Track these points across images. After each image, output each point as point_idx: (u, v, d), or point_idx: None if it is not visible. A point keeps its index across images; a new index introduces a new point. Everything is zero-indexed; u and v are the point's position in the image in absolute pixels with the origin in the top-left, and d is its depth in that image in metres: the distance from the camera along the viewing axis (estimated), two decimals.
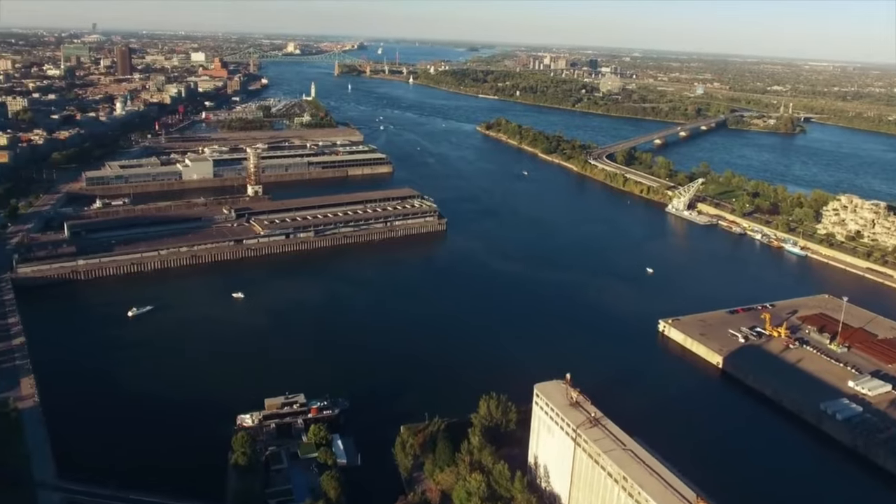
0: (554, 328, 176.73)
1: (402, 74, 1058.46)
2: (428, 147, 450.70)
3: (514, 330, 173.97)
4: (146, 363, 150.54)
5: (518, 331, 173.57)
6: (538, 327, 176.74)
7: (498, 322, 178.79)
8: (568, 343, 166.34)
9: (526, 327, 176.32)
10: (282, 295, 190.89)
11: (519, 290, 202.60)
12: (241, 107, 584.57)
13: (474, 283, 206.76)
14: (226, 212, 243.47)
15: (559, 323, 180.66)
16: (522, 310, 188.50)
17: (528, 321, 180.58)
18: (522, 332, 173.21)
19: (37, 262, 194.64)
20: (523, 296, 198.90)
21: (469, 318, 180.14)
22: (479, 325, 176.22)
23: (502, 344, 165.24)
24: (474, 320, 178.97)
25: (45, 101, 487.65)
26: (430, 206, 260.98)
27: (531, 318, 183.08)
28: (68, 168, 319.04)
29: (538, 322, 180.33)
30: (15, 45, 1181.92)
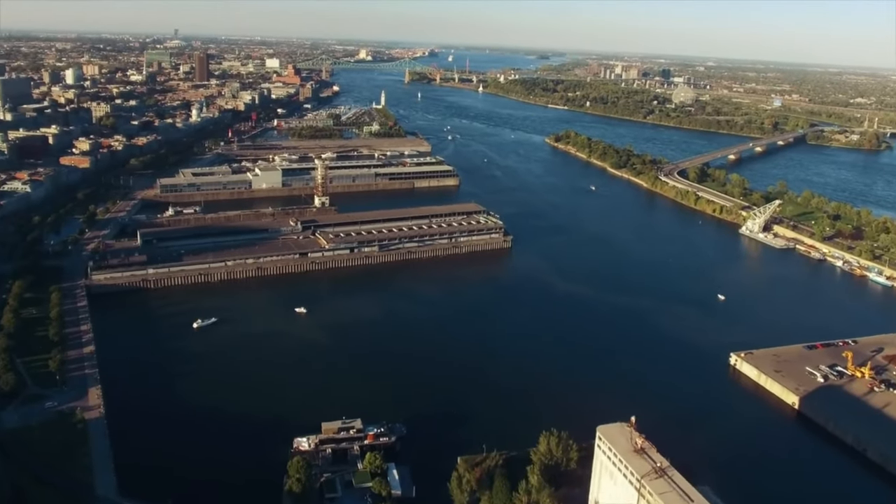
0: (619, 356, 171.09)
1: (472, 83, 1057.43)
2: (495, 159, 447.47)
3: (577, 357, 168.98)
4: (208, 377, 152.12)
5: (581, 358, 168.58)
6: (602, 355, 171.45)
7: (561, 348, 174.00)
8: (633, 373, 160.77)
9: (590, 354, 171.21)
10: (344, 311, 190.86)
11: (583, 315, 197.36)
12: (312, 114, 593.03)
13: (538, 306, 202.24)
14: (292, 224, 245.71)
15: (624, 351, 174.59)
16: (586, 336, 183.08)
17: (592, 348, 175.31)
18: (586, 359, 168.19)
19: (110, 270, 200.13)
20: (588, 321, 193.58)
21: (531, 344, 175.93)
22: (540, 350, 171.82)
23: (564, 372, 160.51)
24: (536, 346, 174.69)
25: (126, 107, 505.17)
26: (495, 223, 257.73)
27: (595, 344, 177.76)
28: (144, 174, 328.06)
29: (602, 349, 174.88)
30: (103, 51, 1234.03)
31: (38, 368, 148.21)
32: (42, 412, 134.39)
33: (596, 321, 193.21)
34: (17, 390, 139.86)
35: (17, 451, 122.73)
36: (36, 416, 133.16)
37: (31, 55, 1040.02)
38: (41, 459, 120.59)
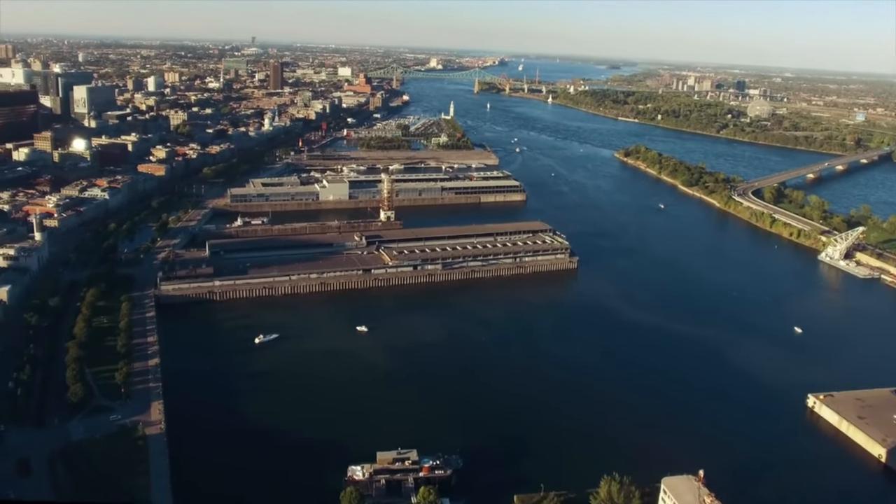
0: (686, 393, 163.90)
1: (542, 93, 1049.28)
2: (563, 174, 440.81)
3: (641, 392, 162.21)
4: (267, 396, 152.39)
5: (646, 393, 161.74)
6: (668, 391, 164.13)
7: (625, 381, 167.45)
8: (700, 412, 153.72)
9: (655, 389, 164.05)
10: (405, 331, 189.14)
11: (650, 345, 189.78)
12: (381, 124, 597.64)
13: (602, 334, 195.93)
14: (357, 239, 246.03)
15: (692, 387, 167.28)
16: (652, 369, 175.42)
17: (658, 383, 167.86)
18: (651, 394, 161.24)
19: (178, 281, 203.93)
20: (654, 351, 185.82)
21: (594, 375, 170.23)
22: (604, 383, 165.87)
23: (628, 408, 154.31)
24: (599, 377, 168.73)
25: (202, 115, 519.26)
26: (561, 243, 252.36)
27: (661, 379, 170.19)
28: (216, 183, 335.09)
29: (669, 385, 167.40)
30: (184, 58, 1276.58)
31: (106, 379, 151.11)
32: (106, 425, 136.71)
33: (663, 352, 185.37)
34: (85, 401, 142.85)
35: (80, 463, 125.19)
36: (101, 428, 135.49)
37: (118, 62, 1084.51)
38: (101, 474, 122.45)
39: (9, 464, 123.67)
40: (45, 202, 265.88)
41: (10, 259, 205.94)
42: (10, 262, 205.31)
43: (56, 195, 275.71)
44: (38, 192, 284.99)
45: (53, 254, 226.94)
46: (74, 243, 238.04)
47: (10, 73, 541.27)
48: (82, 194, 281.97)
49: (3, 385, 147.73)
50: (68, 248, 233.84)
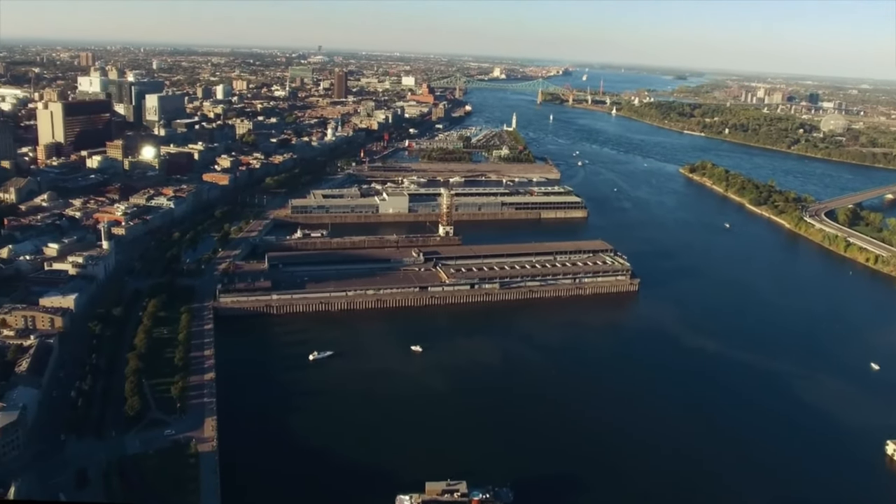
0: (752, 430, 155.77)
1: (605, 105, 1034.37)
2: (626, 189, 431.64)
3: (703, 427, 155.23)
4: (319, 415, 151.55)
5: (708, 428, 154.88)
6: (733, 426, 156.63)
7: (686, 415, 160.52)
8: (767, 453, 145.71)
9: (718, 424, 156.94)
10: (460, 352, 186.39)
11: (713, 376, 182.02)
12: (443, 135, 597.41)
13: (663, 363, 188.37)
14: (414, 255, 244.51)
15: (758, 424, 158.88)
16: (715, 403, 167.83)
17: (722, 417, 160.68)
18: (714, 430, 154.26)
19: (236, 294, 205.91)
20: (718, 384, 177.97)
21: (653, 405, 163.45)
22: (663, 415, 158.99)
23: (689, 443, 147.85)
24: (658, 409, 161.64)
25: (266, 124, 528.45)
26: (622, 264, 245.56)
27: (725, 415, 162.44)
28: (278, 193, 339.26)
29: (732, 421, 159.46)
30: (252, 65, 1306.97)
31: (162, 392, 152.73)
32: (161, 439, 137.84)
33: (727, 385, 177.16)
34: (141, 414, 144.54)
35: (134, 478, 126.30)
36: (155, 442, 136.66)
37: (190, 69, 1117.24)
38: (153, 490, 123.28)
39: (69, 474, 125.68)
40: (114, 210, 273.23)
41: (78, 267, 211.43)
42: (79, 269, 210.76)
43: (124, 203, 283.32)
44: (108, 199, 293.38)
45: (119, 262, 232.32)
46: (140, 252, 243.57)
47: (88, 82, 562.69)
48: (149, 203, 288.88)
49: (67, 395, 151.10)
50: (134, 256, 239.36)
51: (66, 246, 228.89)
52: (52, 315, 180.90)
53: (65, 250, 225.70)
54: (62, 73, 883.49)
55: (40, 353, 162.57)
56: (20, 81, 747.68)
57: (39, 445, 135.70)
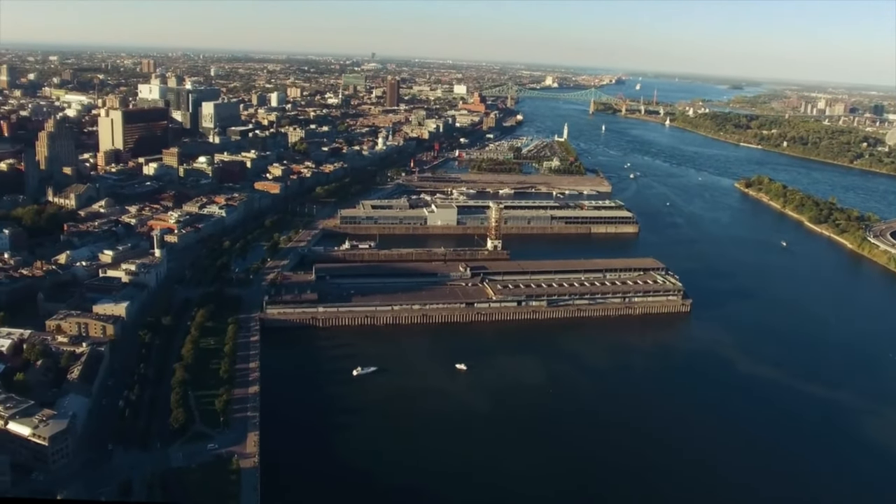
0: (811, 474, 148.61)
1: (659, 115, 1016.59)
2: (679, 204, 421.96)
3: (759, 462, 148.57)
4: (360, 435, 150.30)
5: (764, 465, 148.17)
6: (791, 468, 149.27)
7: (738, 446, 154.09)
8: (830, 497, 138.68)
9: (775, 461, 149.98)
10: (505, 372, 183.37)
11: (770, 408, 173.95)
12: (493, 144, 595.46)
13: (716, 390, 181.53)
14: (461, 270, 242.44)
15: (819, 466, 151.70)
16: (772, 438, 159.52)
17: (778, 456, 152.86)
18: (769, 466, 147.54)
19: (283, 305, 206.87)
20: (775, 417, 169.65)
21: (703, 437, 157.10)
22: (715, 452, 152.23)
23: (742, 479, 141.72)
24: (710, 443, 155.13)
25: (319, 133, 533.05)
26: (674, 284, 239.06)
27: (782, 452, 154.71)
28: (328, 202, 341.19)
29: (790, 459, 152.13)
30: (307, 73, 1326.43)
31: (207, 405, 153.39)
32: (203, 453, 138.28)
33: (784, 418, 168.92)
34: (185, 427, 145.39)
35: (176, 492, 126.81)
36: (198, 456, 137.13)
37: (246, 76, 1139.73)
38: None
39: (113, 484, 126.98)
40: (168, 218, 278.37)
41: (131, 275, 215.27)
42: (132, 277, 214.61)
43: (178, 211, 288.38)
44: (163, 207, 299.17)
45: (171, 270, 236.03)
46: (190, 260, 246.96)
47: (148, 90, 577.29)
48: (201, 211, 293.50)
49: (115, 403, 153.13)
50: (185, 264, 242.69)
51: (120, 253, 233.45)
52: (104, 323, 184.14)
53: (119, 257, 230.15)
54: (125, 79, 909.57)
55: (91, 361, 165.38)
56: (86, 88, 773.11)
57: (88, 454, 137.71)
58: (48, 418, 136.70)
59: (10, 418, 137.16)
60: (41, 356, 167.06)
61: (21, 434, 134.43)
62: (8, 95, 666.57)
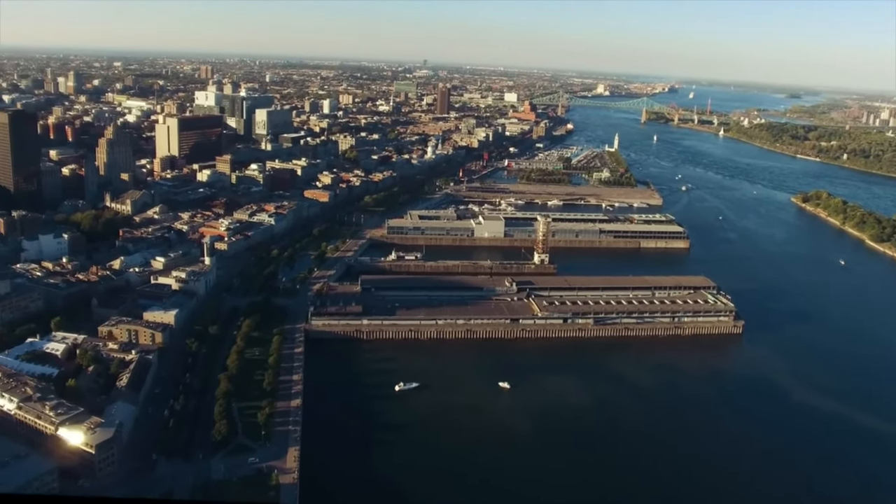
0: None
1: (713, 125, 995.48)
2: (731, 218, 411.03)
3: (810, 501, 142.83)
4: (402, 452, 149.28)
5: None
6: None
7: (792, 482, 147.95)
8: None
9: (827, 498, 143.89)
10: (549, 392, 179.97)
11: (829, 441, 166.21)
12: (543, 154, 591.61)
13: (768, 420, 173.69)
14: (507, 284, 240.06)
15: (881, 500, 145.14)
16: (831, 477, 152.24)
17: (837, 495, 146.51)
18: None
19: (327, 317, 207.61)
20: (834, 452, 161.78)
21: (755, 470, 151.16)
22: (766, 482, 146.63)
23: None
24: (762, 475, 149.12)
25: (369, 141, 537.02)
26: (725, 304, 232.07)
27: (841, 491, 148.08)
28: (376, 212, 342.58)
29: (853, 497, 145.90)
30: (359, 79, 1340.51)
31: (250, 417, 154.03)
32: (244, 467, 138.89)
33: (843, 453, 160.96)
34: (228, 439, 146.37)
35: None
36: (239, 469, 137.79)
37: (300, 82, 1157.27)
38: None
39: (155, 495, 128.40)
40: (219, 225, 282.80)
41: (181, 282, 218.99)
42: (181, 285, 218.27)
43: (228, 218, 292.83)
44: (214, 214, 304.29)
45: (220, 277, 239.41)
46: (239, 268, 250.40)
47: (204, 97, 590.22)
48: (251, 218, 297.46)
49: (160, 412, 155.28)
50: (233, 272, 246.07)
51: (171, 260, 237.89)
52: (153, 330, 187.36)
53: (170, 264, 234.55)
54: (183, 85, 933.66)
55: (140, 369, 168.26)
56: (146, 94, 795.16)
57: (133, 463, 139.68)
58: (96, 426, 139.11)
59: (61, 424, 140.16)
60: (93, 362, 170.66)
61: (70, 441, 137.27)
62: (74, 101, 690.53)
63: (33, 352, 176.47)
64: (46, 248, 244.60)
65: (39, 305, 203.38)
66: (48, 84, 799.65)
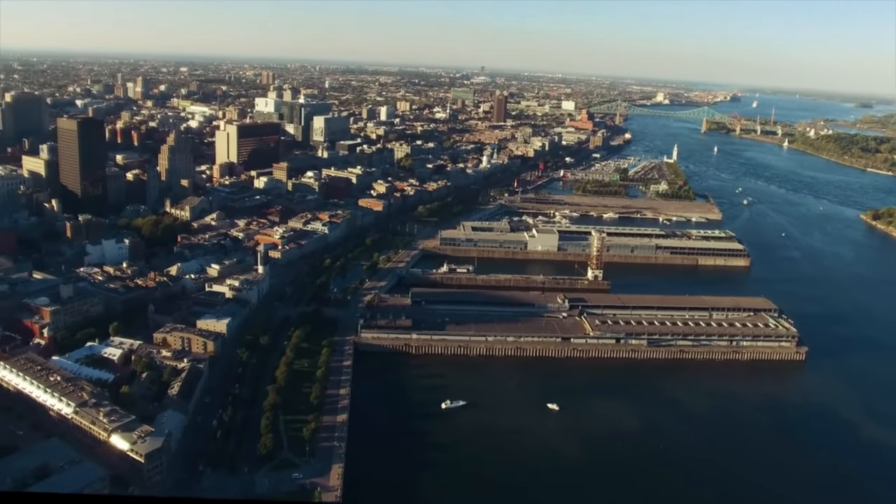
0: None
1: (777, 136, 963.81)
2: (795, 235, 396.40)
3: None
4: (445, 475, 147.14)
5: None
6: None
7: None
8: None
9: None
10: (599, 416, 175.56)
11: None
12: (599, 165, 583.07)
13: (833, 455, 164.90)
14: (559, 301, 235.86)
15: None
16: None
17: None
18: None
19: (377, 330, 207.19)
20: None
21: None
22: None
23: None
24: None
25: (424, 149, 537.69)
26: (787, 329, 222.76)
27: None
28: (429, 222, 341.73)
29: None
30: (417, 85, 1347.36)
31: (296, 431, 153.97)
32: (288, 482, 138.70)
33: None
34: (273, 453, 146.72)
35: None
36: (283, 485, 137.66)
37: (358, 88, 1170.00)
38: None
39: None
40: (273, 233, 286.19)
41: (234, 290, 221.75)
42: (235, 293, 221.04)
43: (283, 226, 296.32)
44: (269, 221, 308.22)
45: (273, 286, 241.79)
46: (292, 277, 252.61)
47: (264, 103, 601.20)
48: (305, 227, 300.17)
49: (209, 423, 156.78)
50: (286, 281, 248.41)
51: (226, 268, 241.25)
52: (205, 339, 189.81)
53: (224, 272, 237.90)
54: (245, 90, 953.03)
55: (191, 378, 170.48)
56: (209, 99, 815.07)
57: (180, 473, 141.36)
58: (146, 435, 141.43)
59: (113, 431, 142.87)
60: (146, 369, 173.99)
61: (121, 448, 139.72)
62: (141, 105, 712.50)
63: (92, 356, 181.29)
64: (108, 253, 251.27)
65: (99, 310, 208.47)
66: (118, 89, 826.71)
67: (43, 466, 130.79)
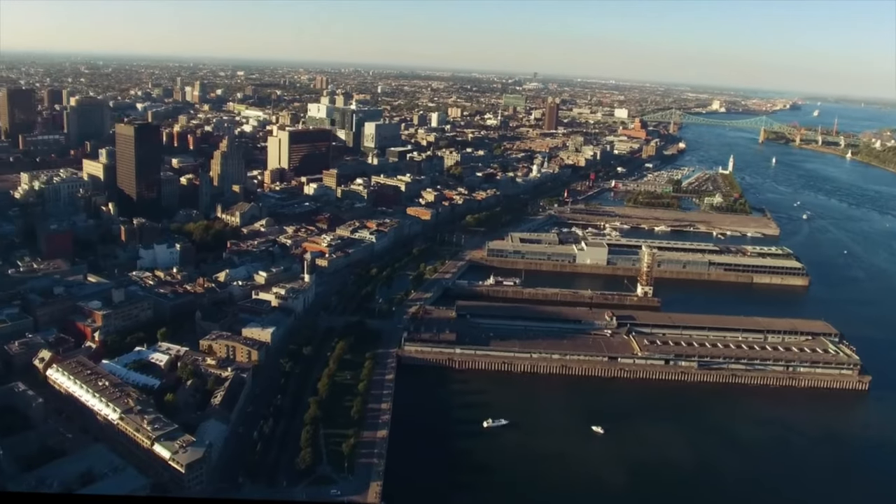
0: None
1: (839, 147, 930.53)
2: (858, 254, 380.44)
3: None
4: (484, 498, 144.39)
5: None
6: None
7: None
8: None
9: None
10: (645, 441, 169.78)
11: None
12: (652, 175, 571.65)
13: None
14: (607, 318, 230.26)
15: None
16: None
17: None
18: None
19: (421, 343, 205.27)
20: None
21: None
22: None
23: None
24: None
25: (474, 157, 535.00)
26: (849, 356, 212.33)
27: None
28: (477, 232, 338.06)
29: None
30: (469, 91, 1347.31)
31: (336, 445, 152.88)
32: (325, 498, 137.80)
33: None
34: (312, 468, 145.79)
35: None
36: (320, 501, 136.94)
37: (411, 94, 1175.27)
38: None
39: None
40: (321, 241, 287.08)
41: (280, 299, 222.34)
42: (280, 301, 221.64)
43: (330, 234, 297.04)
44: (317, 229, 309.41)
45: (318, 295, 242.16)
46: (337, 286, 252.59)
47: (316, 109, 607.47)
48: (353, 235, 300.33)
49: (250, 434, 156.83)
50: (332, 290, 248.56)
51: (273, 275, 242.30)
52: (250, 348, 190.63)
53: (271, 279, 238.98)
54: (299, 95, 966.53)
55: (234, 387, 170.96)
56: (264, 103, 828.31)
57: (220, 484, 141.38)
58: (188, 445, 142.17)
59: (157, 440, 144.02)
60: (191, 376, 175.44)
61: (163, 457, 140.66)
62: (198, 109, 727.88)
63: (139, 360, 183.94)
64: (160, 257, 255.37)
65: (149, 315, 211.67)
66: (176, 93, 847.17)
67: (88, 472, 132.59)
